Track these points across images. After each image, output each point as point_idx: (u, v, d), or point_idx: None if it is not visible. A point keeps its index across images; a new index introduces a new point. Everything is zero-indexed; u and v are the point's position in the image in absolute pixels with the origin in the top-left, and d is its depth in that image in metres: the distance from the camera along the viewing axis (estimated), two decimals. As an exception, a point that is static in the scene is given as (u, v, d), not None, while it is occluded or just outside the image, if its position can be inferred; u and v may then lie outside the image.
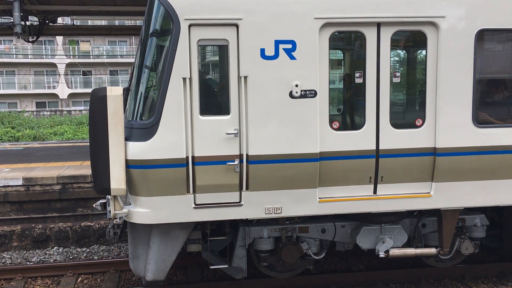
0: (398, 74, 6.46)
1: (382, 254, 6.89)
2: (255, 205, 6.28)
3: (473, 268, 8.05)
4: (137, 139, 5.99)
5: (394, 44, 6.40)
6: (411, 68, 6.84)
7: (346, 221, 7.12)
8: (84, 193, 11.36)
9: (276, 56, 6.02)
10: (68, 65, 49.18)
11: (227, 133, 6.06)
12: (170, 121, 5.91)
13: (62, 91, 49.00)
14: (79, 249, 9.86)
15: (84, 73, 50.01)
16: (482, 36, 6.40)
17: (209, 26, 5.93)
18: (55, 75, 49.61)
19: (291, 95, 6.09)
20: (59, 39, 47.82)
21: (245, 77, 6.00)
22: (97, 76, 50.70)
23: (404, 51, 6.76)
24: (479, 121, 6.47)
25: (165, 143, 5.93)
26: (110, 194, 6.07)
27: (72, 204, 11.42)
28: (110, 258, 9.41)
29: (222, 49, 6.07)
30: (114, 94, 5.85)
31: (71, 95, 49.35)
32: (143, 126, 6.00)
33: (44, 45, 48.88)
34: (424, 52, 6.40)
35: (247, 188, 6.21)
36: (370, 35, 6.25)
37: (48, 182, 11.30)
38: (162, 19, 6.10)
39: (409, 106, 6.69)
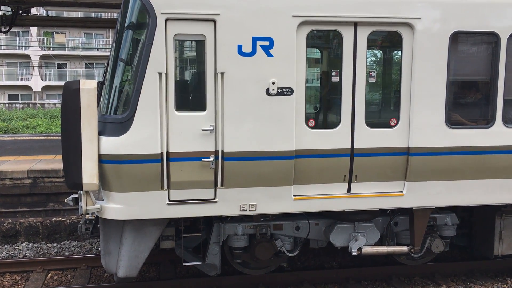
0: (374, 74, 6.49)
1: (355, 252, 6.95)
2: (230, 202, 6.26)
3: (443, 267, 8.19)
4: (110, 133, 5.89)
5: (371, 44, 6.45)
6: (386, 68, 6.92)
7: (320, 219, 7.16)
8: (56, 188, 11.13)
9: (253, 53, 6.01)
10: (43, 57, 48.20)
11: (203, 129, 6.02)
12: (144, 116, 5.83)
13: (36, 83, 48.02)
14: (49, 245, 9.68)
15: (59, 66, 49.12)
16: (456, 38, 6.50)
17: (186, 21, 5.87)
18: (28, 67, 48.59)
19: (267, 92, 6.09)
20: (33, 30, 46.90)
21: (222, 74, 5.97)
22: (72, 69, 49.86)
23: (380, 51, 6.83)
24: (452, 122, 6.57)
25: (140, 138, 5.86)
26: (82, 189, 5.97)
27: (43, 199, 11.18)
28: (81, 254, 9.26)
29: (199, 45, 6.02)
30: (88, 87, 5.75)
31: (45, 88, 48.41)
32: (117, 121, 5.91)
33: (18, 36, 47.82)
34: (399, 52, 6.47)
35: (222, 185, 6.19)
36: (347, 34, 6.29)
37: (19, 176, 11.04)
38: (138, 13, 6.03)
39: (384, 106, 6.77)
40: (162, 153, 5.96)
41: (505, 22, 6.51)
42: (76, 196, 7.03)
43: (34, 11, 18.01)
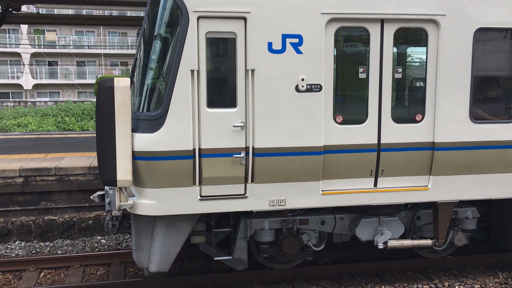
0: (400, 70, 6.62)
1: (381, 246, 7.07)
2: (260, 197, 6.37)
3: (435, 261, 8.23)
4: (144, 130, 6.00)
5: (397, 41, 6.58)
6: (412, 64, 7.02)
7: (345, 213, 7.25)
8: (48, 186, 11.09)
9: (283, 50, 6.13)
10: (33, 55, 47.83)
11: (234, 126, 6.14)
12: (177, 113, 5.94)
13: (27, 81, 47.66)
14: (42, 244, 9.63)
15: (50, 64, 48.77)
16: (480, 34, 6.63)
17: (218, 18, 5.98)
18: (19, 65, 48.20)
19: (297, 89, 6.21)
20: (24, 27, 46.48)
21: (252, 71, 6.09)
22: (63, 67, 49.55)
23: (406, 48, 6.91)
24: (476, 116, 6.71)
25: (172, 135, 5.97)
26: (116, 186, 6.04)
27: (35, 198, 11.13)
28: (74, 252, 9.23)
29: (230, 42, 6.11)
30: (122, 85, 5.83)
31: (36, 86, 48.06)
32: (150, 118, 6.01)
33: (8, 33, 47.42)
34: (425, 49, 6.60)
35: (252, 181, 6.31)
36: (374, 31, 6.43)
37: (10, 174, 10.98)
38: (170, 11, 6.12)
39: (410, 102, 6.88)
40: (194, 149, 6.06)
41: None
42: (102, 193, 7.18)
43: (24, 8, 17.86)
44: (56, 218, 9.99)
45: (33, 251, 9.32)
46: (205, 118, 6.06)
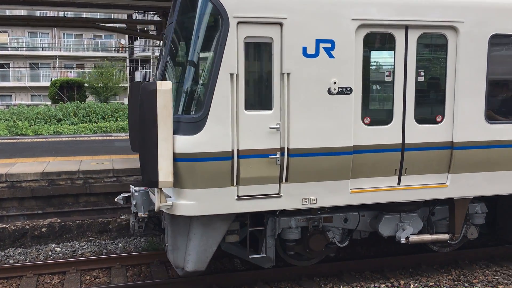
0: (422, 73, 7.01)
1: (403, 241, 7.36)
2: (293, 197, 6.62)
3: (391, 260, 8.41)
4: (185, 132, 6.16)
5: (420, 46, 6.95)
6: (433, 68, 7.35)
7: (366, 211, 7.52)
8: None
9: (316, 54, 6.42)
10: (-17, 57, 46.05)
11: (270, 127, 6.38)
12: (217, 116, 6.13)
13: (-23, 84, 45.84)
14: (-8, 253, 9.26)
15: (1, 66, 47.05)
16: (495, 40, 7.11)
17: (256, 24, 6.23)
18: (-32, 67, 46.32)
19: (329, 91, 6.50)
20: (-27, 28, 44.68)
21: (288, 74, 6.33)
22: (15, 69, 47.92)
23: (427, 52, 7.25)
24: (490, 117, 7.19)
25: (212, 137, 6.15)
26: (157, 187, 6.11)
27: (-15, 205, 10.71)
28: (27, 261, 8.90)
29: (267, 47, 6.35)
30: (164, 88, 5.91)
31: (-13, 89, 46.26)
32: (191, 120, 6.17)
33: (-44, 34, 45.49)
34: (445, 53, 7.04)
35: (286, 180, 6.53)
36: (399, 36, 6.82)
37: (-42, 182, 10.52)
38: (210, 16, 6.32)
39: (431, 103, 7.20)
40: (232, 150, 6.26)
41: None
42: (126, 195, 7.26)
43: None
44: (7, 226, 9.62)
45: (-17, 261, 8.94)
46: (243, 120, 6.28)
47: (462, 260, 8.63)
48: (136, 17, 28.01)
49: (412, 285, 7.70)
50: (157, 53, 39.64)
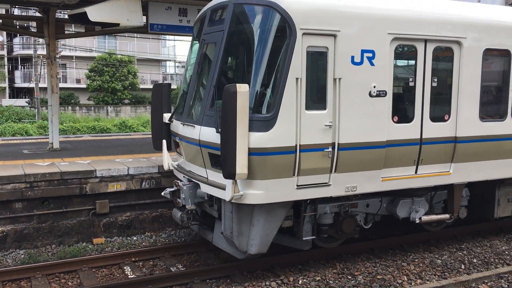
0: (435, 80, 8.42)
1: (417, 220, 8.69)
2: (339, 185, 7.65)
3: (281, 258, 8.67)
4: (258, 130, 6.94)
5: (434, 57, 8.34)
6: (443, 75, 8.72)
7: (383, 197, 8.64)
8: None
9: (361, 62, 7.55)
10: None
11: (325, 125, 7.34)
12: (285, 115, 7.00)
13: None
14: None
15: None
16: (487, 53, 8.72)
17: (316, 35, 7.22)
18: None
19: (370, 94, 7.67)
20: None
21: (339, 79, 7.39)
22: None
23: (439, 62, 8.59)
24: (482, 116, 8.77)
25: (281, 133, 7.01)
26: (234, 178, 6.81)
27: None
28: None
29: (323, 55, 7.35)
30: (243, 90, 6.62)
31: None
32: (264, 119, 6.99)
33: None
34: (451, 64, 8.52)
35: (335, 171, 7.53)
36: (420, 48, 8.19)
37: None
38: (277, 28, 7.18)
39: (441, 105, 8.60)
40: (296, 145, 7.13)
41: None
42: (173, 189, 8.20)
43: None
44: None
45: None
46: (304, 119, 7.18)
47: (346, 254, 9.11)
48: (13, 12, 25.86)
49: (300, 281, 8.00)
50: (39, 51, 37.01)
